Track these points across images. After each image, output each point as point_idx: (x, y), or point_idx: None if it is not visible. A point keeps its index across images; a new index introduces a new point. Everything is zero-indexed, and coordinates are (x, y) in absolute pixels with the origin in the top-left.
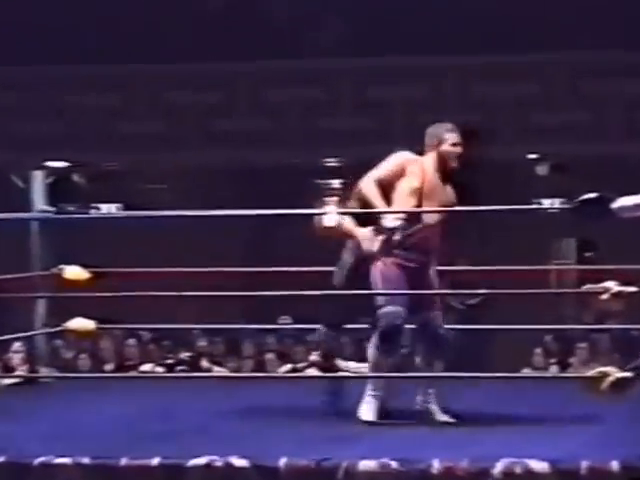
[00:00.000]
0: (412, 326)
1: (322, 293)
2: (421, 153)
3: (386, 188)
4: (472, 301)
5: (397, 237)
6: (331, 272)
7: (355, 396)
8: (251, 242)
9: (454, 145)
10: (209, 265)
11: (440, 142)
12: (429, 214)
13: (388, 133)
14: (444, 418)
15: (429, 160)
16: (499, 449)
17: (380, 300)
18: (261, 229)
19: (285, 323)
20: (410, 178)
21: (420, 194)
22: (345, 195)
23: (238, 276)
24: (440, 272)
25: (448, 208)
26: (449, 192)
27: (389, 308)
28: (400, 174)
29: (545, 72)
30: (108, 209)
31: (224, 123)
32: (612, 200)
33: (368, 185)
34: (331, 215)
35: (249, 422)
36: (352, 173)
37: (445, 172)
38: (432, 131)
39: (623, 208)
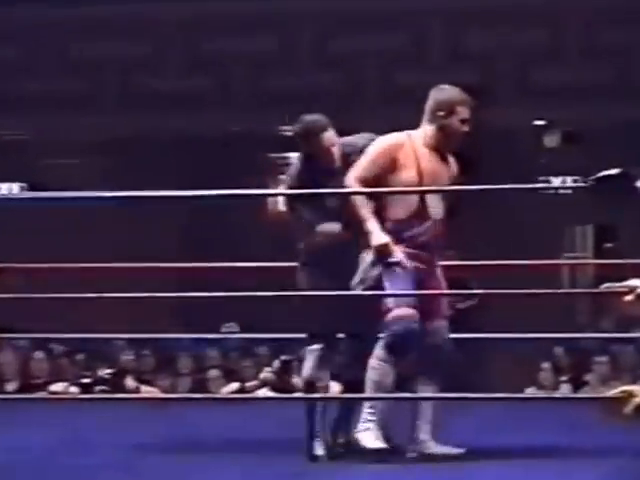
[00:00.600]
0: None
1: (278, 295)
2: (400, 122)
3: (375, 185)
4: (462, 304)
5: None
6: (289, 268)
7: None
8: (188, 230)
9: (464, 122)
10: (136, 259)
11: (449, 113)
12: (436, 208)
13: (359, 93)
14: (444, 450)
15: (424, 136)
16: None
17: (388, 302)
18: (200, 214)
19: (230, 332)
20: (403, 170)
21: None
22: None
23: (172, 273)
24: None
25: (446, 187)
26: (451, 169)
27: (400, 311)
28: (391, 167)
29: (554, 17)
30: (9, 189)
31: (152, 82)
32: (638, 177)
33: (355, 189)
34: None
35: (185, 454)
36: None
37: (444, 151)
38: (440, 97)
39: None
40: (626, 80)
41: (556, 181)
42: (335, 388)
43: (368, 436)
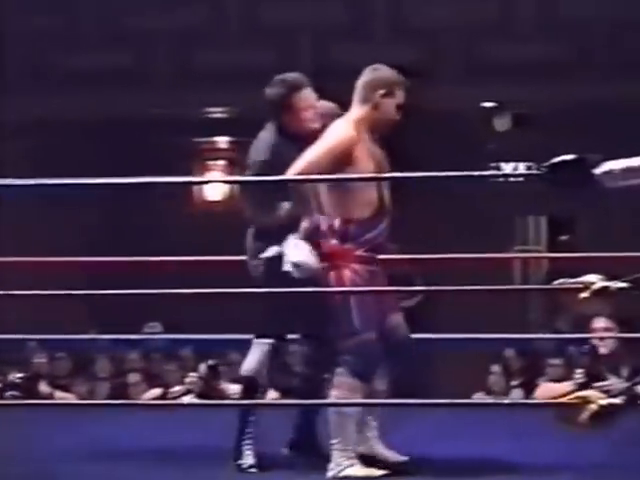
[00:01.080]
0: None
1: (212, 292)
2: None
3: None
4: (406, 302)
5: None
6: (219, 262)
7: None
8: (105, 221)
9: (398, 108)
10: (47, 253)
11: (388, 94)
12: (388, 200)
13: (292, 71)
14: (388, 455)
15: (361, 119)
16: None
17: (354, 323)
18: (118, 204)
19: (153, 332)
20: (361, 163)
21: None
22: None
23: (88, 267)
24: None
25: (386, 175)
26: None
27: (366, 335)
28: (347, 161)
29: None
30: None
31: (67, 58)
32: (596, 164)
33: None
34: (216, 185)
35: (103, 464)
36: (245, 127)
37: (374, 135)
38: (378, 75)
39: (610, 175)
40: (583, 58)
41: (507, 168)
42: (271, 394)
43: (359, 470)
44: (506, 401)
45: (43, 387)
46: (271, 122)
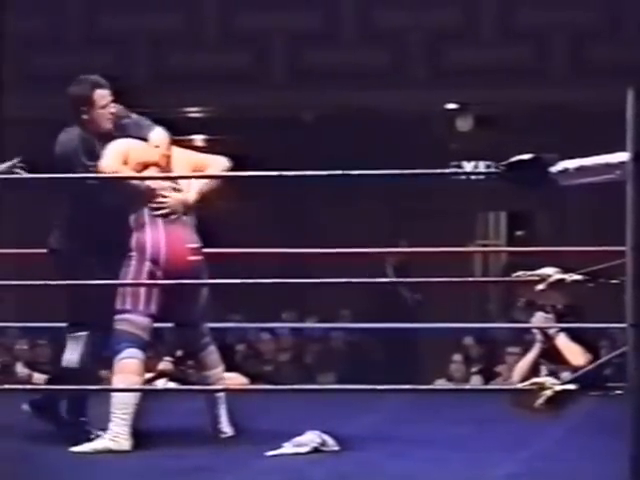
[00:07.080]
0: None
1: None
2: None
3: None
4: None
5: None
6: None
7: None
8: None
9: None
10: (22, 245)
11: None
12: None
13: (268, 74)
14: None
15: None
16: None
17: None
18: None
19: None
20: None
21: None
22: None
23: None
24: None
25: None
26: None
27: None
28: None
29: None
30: None
31: (52, 59)
32: (552, 163)
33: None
34: None
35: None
36: (226, 126)
37: None
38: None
39: (565, 173)
40: (542, 62)
41: (468, 166)
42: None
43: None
44: (466, 387)
45: (20, 369)
46: (72, 124)
